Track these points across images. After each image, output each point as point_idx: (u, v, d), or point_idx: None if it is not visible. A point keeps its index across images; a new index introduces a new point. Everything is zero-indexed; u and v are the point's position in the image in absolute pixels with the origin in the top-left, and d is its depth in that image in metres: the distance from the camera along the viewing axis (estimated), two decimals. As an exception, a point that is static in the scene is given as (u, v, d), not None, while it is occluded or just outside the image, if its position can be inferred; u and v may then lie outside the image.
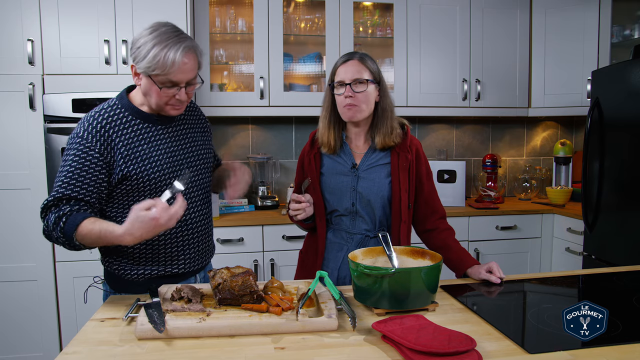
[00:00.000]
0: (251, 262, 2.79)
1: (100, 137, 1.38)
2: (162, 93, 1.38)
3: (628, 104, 2.47)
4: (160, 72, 1.34)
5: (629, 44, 3.05)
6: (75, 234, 1.28)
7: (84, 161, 1.36)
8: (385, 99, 1.65)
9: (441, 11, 3.19)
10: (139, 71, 1.38)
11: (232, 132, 3.34)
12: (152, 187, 1.44)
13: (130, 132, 1.43)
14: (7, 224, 2.58)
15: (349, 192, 1.66)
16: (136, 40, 1.37)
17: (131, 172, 1.41)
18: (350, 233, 1.68)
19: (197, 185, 1.57)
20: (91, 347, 1.09)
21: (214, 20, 3.06)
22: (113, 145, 1.40)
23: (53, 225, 1.31)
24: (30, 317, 2.62)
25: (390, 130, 1.64)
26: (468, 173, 3.60)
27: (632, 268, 1.75)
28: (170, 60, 1.32)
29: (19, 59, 2.53)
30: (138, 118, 1.45)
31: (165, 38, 1.34)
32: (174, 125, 1.53)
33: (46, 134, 2.56)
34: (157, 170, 1.44)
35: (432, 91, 3.21)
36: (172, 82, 1.37)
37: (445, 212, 1.74)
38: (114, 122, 1.42)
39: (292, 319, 1.16)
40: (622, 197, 2.51)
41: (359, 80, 1.58)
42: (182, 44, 1.34)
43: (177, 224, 1.49)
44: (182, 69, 1.35)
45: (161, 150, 1.47)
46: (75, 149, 1.37)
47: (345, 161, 1.69)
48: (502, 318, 1.27)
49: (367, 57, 1.63)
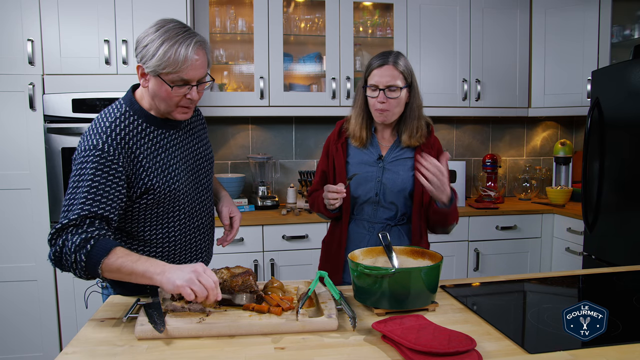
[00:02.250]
0: (251, 262, 2.79)
1: (121, 150, 1.30)
2: (174, 93, 1.31)
3: (628, 104, 2.47)
4: (172, 70, 1.27)
5: (629, 44, 3.05)
6: (105, 260, 1.17)
7: (107, 175, 1.26)
8: (415, 99, 1.69)
9: (441, 11, 3.19)
10: (147, 71, 1.30)
11: (232, 132, 3.34)
12: (172, 199, 1.40)
13: (148, 141, 1.36)
14: (7, 224, 2.58)
15: (373, 183, 1.71)
16: (142, 39, 1.29)
17: (155, 185, 1.34)
18: (371, 222, 1.73)
19: (205, 186, 1.55)
20: (91, 347, 1.09)
21: (214, 20, 3.06)
22: (133, 157, 1.32)
23: (76, 247, 1.17)
24: (30, 317, 2.62)
25: (416, 130, 1.70)
26: (468, 173, 3.60)
27: (632, 268, 1.75)
28: (182, 56, 1.25)
29: (19, 59, 2.53)
30: (152, 125, 1.38)
31: (174, 34, 1.27)
32: (183, 128, 1.49)
33: (46, 134, 2.56)
34: (177, 181, 1.40)
35: (432, 91, 3.21)
36: (184, 80, 1.29)
37: None
38: (131, 132, 1.34)
39: (292, 319, 1.16)
40: (622, 197, 2.51)
41: (392, 87, 1.62)
42: (192, 39, 1.27)
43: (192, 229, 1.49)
44: (194, 65, 1.29)
45: (177, 158, 1.43)
46: (95, 162, 1.26)
47: (372, 152, 1.75)
48: (502, 318, 1.26)
49: (400, 59, 1.65)
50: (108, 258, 1.17)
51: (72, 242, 1.19)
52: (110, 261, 1.18)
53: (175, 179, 1.40)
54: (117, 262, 1.17)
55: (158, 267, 1.17)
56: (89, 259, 1.18)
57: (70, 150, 2.58)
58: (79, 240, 1.18)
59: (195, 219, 1.51)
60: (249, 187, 3.31)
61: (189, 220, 1.48)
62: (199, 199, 1.51)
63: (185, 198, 1.45)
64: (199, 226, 1.53)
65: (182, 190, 1.42)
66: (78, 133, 2.56)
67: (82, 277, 1.22)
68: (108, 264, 1.18)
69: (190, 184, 1.47)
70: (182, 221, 1.46)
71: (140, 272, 1.17)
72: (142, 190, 1.33)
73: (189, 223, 1.48)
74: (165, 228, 1.44)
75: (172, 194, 1.40)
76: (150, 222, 1.41)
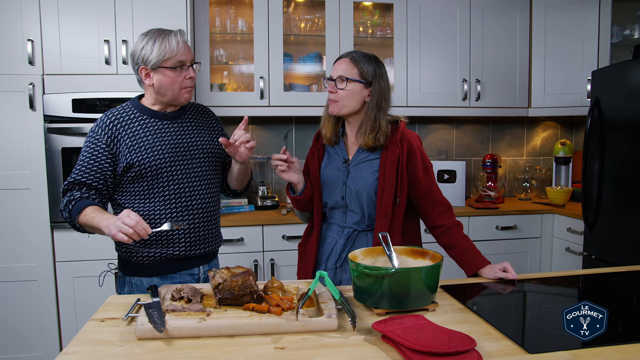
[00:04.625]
0: (251, 262, 2.79)
1: (108, 131, 1.58)
2: (177, 75, 1.58)
3: (628, 104, 2.47)
4: (171, 55, 1.55)
5: (629, 44, 3.04)
6: (78, 218, 1.48)
7: (92, 151, 1.56)
8: (374, 99, 1.65)
9: (441, 11, 3.19)
10: (150, 67, 1.56)
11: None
12: (153, 173, 1.59)
13: (136, 126, 1.61)
14: (7, 223, 2.58)
15: (339, 186, 1.72)
16: (136, 48, 1.58)
17: (134, 160, 1.57)
18: (341, 227, 1.73)
19: (199, 174, 1.68)
20: (91, 347, 1.09)
21: (214, 20, 3.06)
22: (120, 137, 1.58)
23: (64, 206, 1.52)
24: (30, 317, 2.62)
25: (370, 129, 1.64)
26: (468, 173, 3.60)
27: (632, 268, 1.75)
28: (174, 43, 1.56)
29: (19, 59, 2.53)
30: (146, 115, 1.64)
31: (159, 33, 1.57)
32: (180, 122, 1.68)
33: (46, 134, 2.56)
34: (158, 158, 1.59)
35: (432, 91, 3.21)
36: (181, 61, 1.58)
37: (450, 205, 1.76)
38: (122, 118, 1.61)
39: (292, 319, 1.16)
40: (622, 197, 2.51)
41: (342, 77, 1.64)
42: (174, 32, 1.59)
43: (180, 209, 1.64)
44: (184, 49, 1.58)
45: (164, 140, 1.62)
46: (88, 142, 1.59)
47: (339, 156, 1.75)
48: (502, 318, 1.27)
49: (363, 58, 1.65)
50: (80, 216, 1.48)
51: (62, 203, 1.53)
52: (81, 218, 1.48)
53: (157, 156, 1.59)
54: (84, 219, 1.47)
55: (104, 220, 1.41)
56: (70, 217, 1.51)
57: (70, 150, 2.58)
58: (66, 201, 1.53)
59: (182, 199, 1.64)
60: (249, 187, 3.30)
61: (176, 199, 1.63)
62: (188, 181, 1.65)
63: (170, 176, 1.62)
64: (188, 207, 1.65)
65: (165, 168, 1.61)
66: (78, 133, 2.57)
67: (75, 230, 1.55)
68: (81, 221, 1.49)
69: (177, 166, 1.63)
70: (168, 198, 1.62)
71: (96, 226, 1.43)
72: (124, 165, 1.57)
73: (176, 202, 1.63)
74: (151, 202, 1.61)
75: (154, 170, 1.59)
76: (137, 195, 1.61)
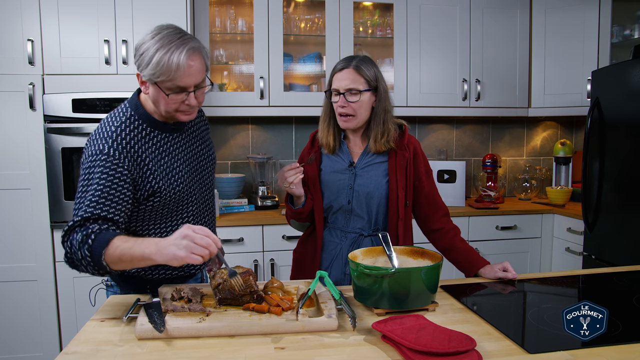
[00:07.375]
0: (251, 262, 2.79)
1: (127, 154, 1.32)
2: (170, 100, 1.32)
3: (628, 104, 2.47)
4: (166, 78, 1.27)
5: (629, 44, 3.04)
6: (105, 251, 1.18)
7: (112, 179, 1.28)
8: (381, 103, 1.64)
9: (441, 11, 3.19)
10: (144, 79, 1.32)
11: (232, 132, 3.34)
12: (177, 200, 1.43)
13: (152, 145, 1.39)
14: (7, 223, 2.58)
15: (345, 190, 1.68)
16: (139, 46, 1.31)
17: (161, 188, 1.37)
18: (344, 232, 1.70)
19: (209, 186, 1.57)
20: (91, 347, 1.09)
21: (214, 20, 3.06)
22: (140, 161, 1.35)
23: (79, 244, 1.20)
24: (30, 317, 2.62)
25: (380, 135, 1.64)
26: (468, 173, 3.60)
27: (632, 268, 1.75)
28: (174, 64, 1.25)
29: (19, 59, 2.53)
30: (156, 129, 1.41)
31: (168, 41, 1.27)
32: (186, 131, 1.51)
33: (46, 134, 2.56)
34: (181, 183, 1.43)
35: (432, 91, 3.21)
36: (180, 87, 1.30)
37: (448, 210, 1.76)
38: (136, 137, 1.36)
39: (292, 319, 1.16)
40: (622, 197, 2.51)
41: (352, 90, 1.59)
42: (185, 46, 1.27)
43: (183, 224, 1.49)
44: (188, 72, 1.28)
45: (180, 160, 1.45)
46: (102, 166, 1.29)
47: (342, 159, 1.71)
48: (502, 318, 1.27)
49: (363, 64, 1.61)
50: (108, 249, 1.18)
51: (75, 240, 1.21)
52: (110, 252, 1.19)
53: (179, 181, 1.42)
54: (117, 252, 1.18)
55: (151, 246, 1.17)
56: (92, 253, 1.19)
57: (70, 150, 2.58)
58: (81, 237, 1.20)
59: (198, 218, 1.53)
60: (249, 187, 3.31)
61: (193, 220, 1.51)
62: (202, 199, 1.53)
63: (190, 199, 1.48)
64: (203, 224, 1.54)
65: (187, 192, 1.45)
66: (78, 133, 2.57)
67: (95, 273, 1.23)
68: (109, 255, 1.19)
69: (194, 186, 1.49)
70: (186, 221, 1.49)
71: (139, 256, 1.17)
72: (149, 193, 1.36)
73: (193, 223, 1.50)
74: (169, 228, 1.46)
75: (177, 196, 1.42)
76: (154, 222, 1.44)
